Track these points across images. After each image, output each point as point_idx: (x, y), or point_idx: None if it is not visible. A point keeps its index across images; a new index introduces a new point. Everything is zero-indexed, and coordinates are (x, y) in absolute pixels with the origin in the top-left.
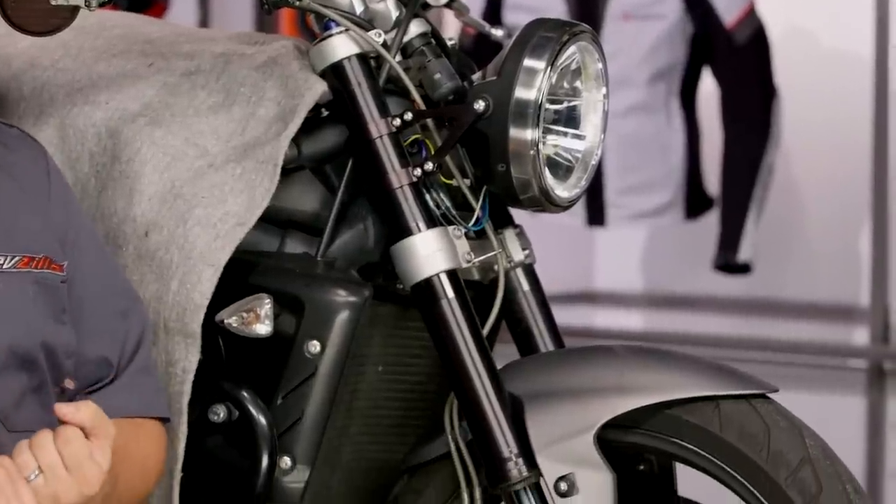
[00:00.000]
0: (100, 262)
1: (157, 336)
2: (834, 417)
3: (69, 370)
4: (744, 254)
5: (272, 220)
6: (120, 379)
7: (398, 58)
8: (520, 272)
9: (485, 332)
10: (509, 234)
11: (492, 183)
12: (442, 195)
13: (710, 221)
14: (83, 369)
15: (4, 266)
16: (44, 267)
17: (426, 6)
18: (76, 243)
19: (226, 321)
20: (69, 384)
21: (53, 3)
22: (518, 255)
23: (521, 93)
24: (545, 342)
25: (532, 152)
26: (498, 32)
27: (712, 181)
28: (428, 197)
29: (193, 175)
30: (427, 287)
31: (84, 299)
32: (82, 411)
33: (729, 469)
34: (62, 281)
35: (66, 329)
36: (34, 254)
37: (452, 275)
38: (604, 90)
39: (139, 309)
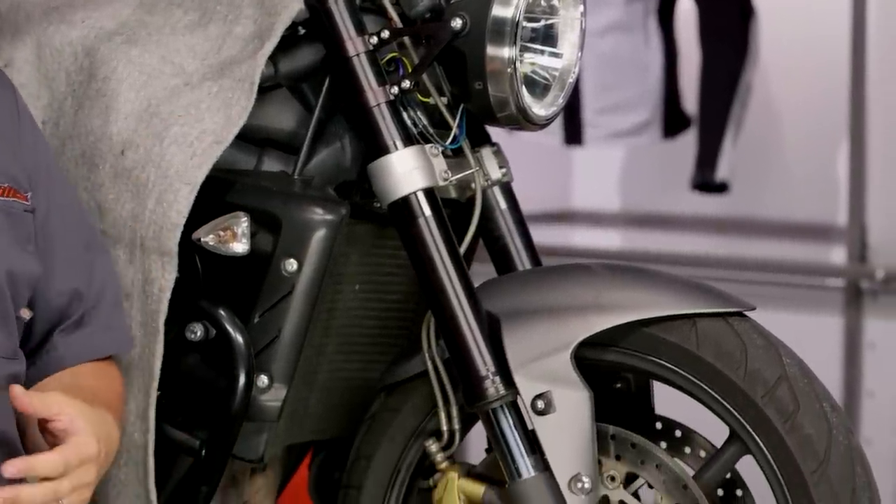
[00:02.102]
0: (67, 199)
1: (133, 255)
2: (811, 336)
3: (28, 300)
4: (721, 173)
5: (249, 138)
6: (93, 319)
7: None
8: (497, 190)
9: (462, 250)
10: (486, 153)
11: (469, 101)
12: (419, 113)
13: (688, 140)
14: (54, 300)
15: None
16: (8, 196)
17: None
18: (44, 180)
19: (202, 239)
20: (25, 314)
21: None
22: (495, 173)
23: (498, 10)
24: (522, 260)
25: (509, 70)
26: None
27: (690, 100)
28: (405, 115)
29: (170, 93)
30: (404, 205)
31: (54, 234)
32: (35, 404)
33: (706, 387)
34: (26, 210)
35: (30, 259)
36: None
37: (429, 193)
38: (581, 8)
39: (102, 247)
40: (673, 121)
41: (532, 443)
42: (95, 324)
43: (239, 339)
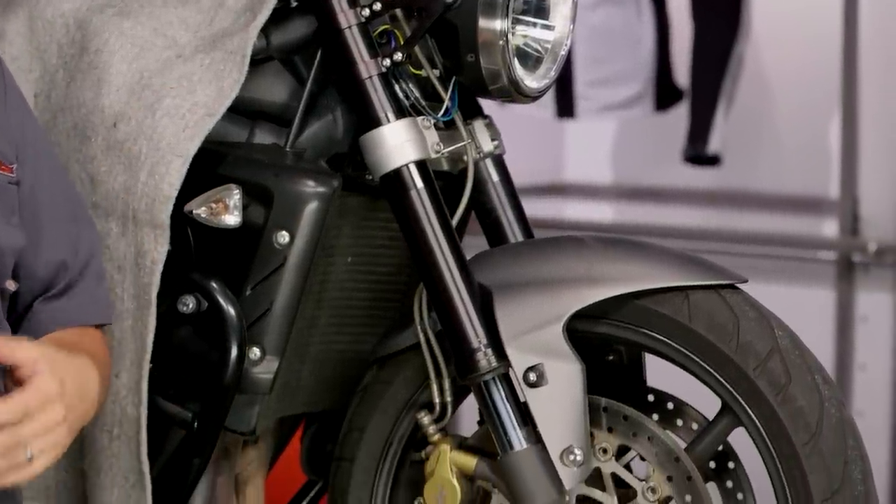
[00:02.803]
0: (54, 171)
1: (126, 227)
2: (803, 309)
3: (12, 272)
4: (713, 145)
5: (241, 110)
6: (78, 288)
7: None
8: (489, 163)
9: (454, 222)
10: (478, 125)
11: (461, 73)
12: (411, 85)
13: (680, 113)
14: (39, 271)
15: None
16: None
17: None
18: (32, 152)
19: (194, 212)
20: (10, 286)
21: None
22: (487, 145)
23: None
24: (514, 233)
25: (501, 42)
26: None
27: (682, 73)
28: (397, 87)
29: (162, 66)
30: (396, 177)
31: (40, 206)
32: (17, 353)
33: (698, 359)
34: (10, 182)
35: (14, 231)
36: None
37: (421, 165)
38: None
39: (89, 218)
40: (665, 94)
41: (524, 415)
42: (78, 294)
43: (231, 311)
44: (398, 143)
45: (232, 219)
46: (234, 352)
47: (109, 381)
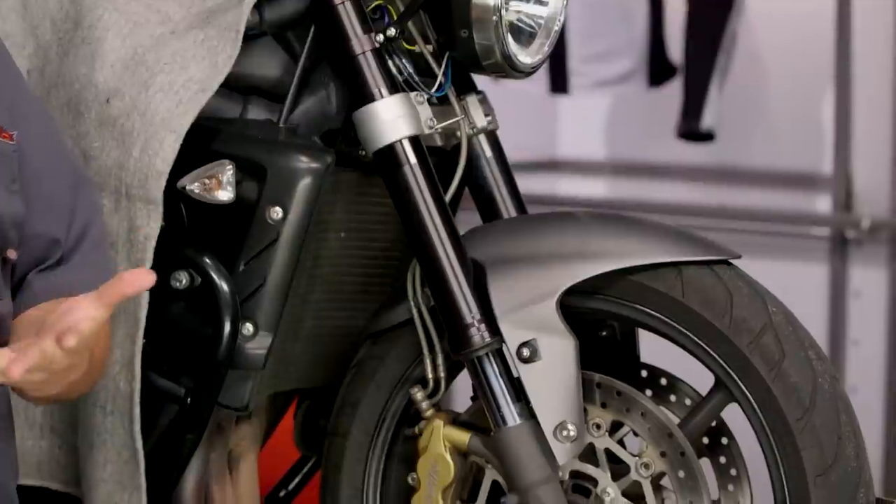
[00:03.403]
0: (50, 137)
1: (119, 203)
2: (796, 285)
3: (13, 240)
4: (707, 121)
5: (234, 86)
6: (74, 259)
7: None
8: (482, 138)
9: (447, 198)
10: (472, 101)
11: (454, 49)
12: (404, 61)
13: (674, 89)
14: (31, 243)
15: None
16: None
17: None
18: (26, 116)
19: (188, 187)
20: (11, 254)
21: None
22: (481, 120)
23: None
24: (508, 208)
25: (495, 18)
26: None
27: (675, 49)
28: (390, 63)
29: (156, 41)
30: (389, 153)
31: (34, 173)
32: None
33: (691, 335)
34: (12, 150)
35: (14, 199)
36: None
37: (415, 140)
38: None
39: (88, 183)
40: (658, 69)
41: (517, 390)
42: (74, 265)
43: (224, 287)
44: (391, 119)
45: (225, 194)
46: (227, 327)
47: (110, 346)
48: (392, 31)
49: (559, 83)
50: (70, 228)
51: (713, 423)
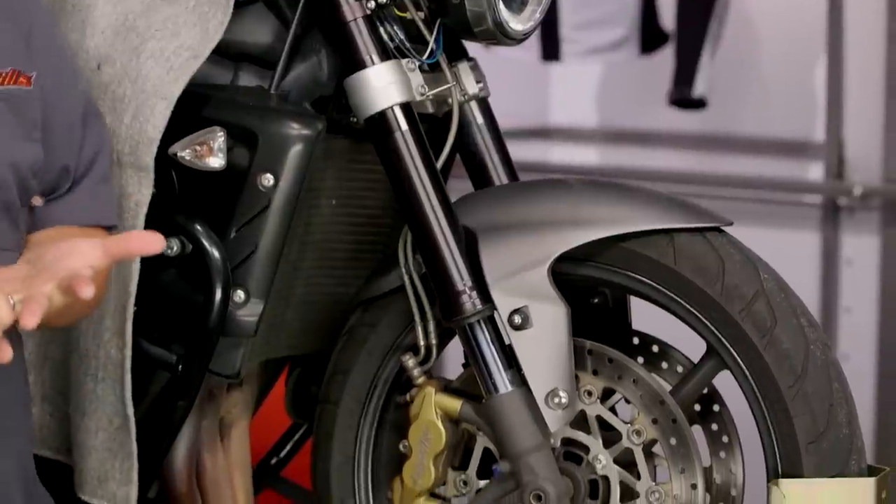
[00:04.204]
0: (65, 69)
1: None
2: (788, 252)
3: (35, 188)
4: (699, 89)
5: (225, 53)
6: (80, 187)
7: None
8: (474, 105)
9: (438, 165)
10: (463, 67)
11: (446, 15)
12: (396, 28)
13: (666, 56)
14: (45, 177)
15: None
16: (11, 82)
17: None
18: (43, 49)
19: (179, 154)
20: (37, 201)
21: None
22: (472, 87)
23: None
24: (499, 175)
25: None
26: None
27: (667, 16)
28: (381, 30)
29: (146, 8)
30: (381, 120)
31: (50, 107)
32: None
33: (683, 302)
34: (32, 96)
35: (34, 146)
36: (1, 68)
37: (406, 107)
38: None
39: (97, 115)
40: (650, 37)
41: (509, 358)
42: (80, 194)
43: (215, 254)
44: (383, 86)
45: (216, 161)
46: (218, 294)
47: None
48: None
49: (551, 50)
50: (80, 157)
51: (705, 391)
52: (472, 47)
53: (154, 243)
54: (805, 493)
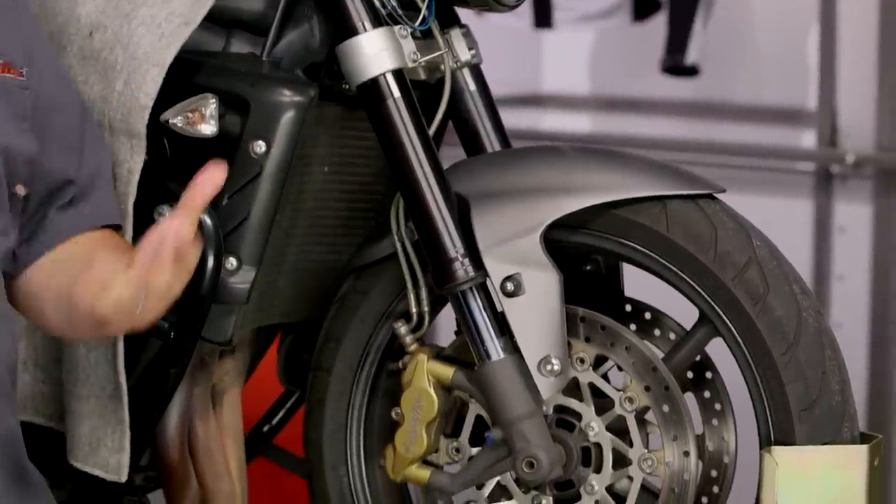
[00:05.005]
0: (61, 75)
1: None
2: (780, 220)
3: (22, 175)
4: (691, 56)
5: (217, 19)
6: (93, 193)
7: None
8: (466, 72)
9: (431, 132)
10: (455, 34)
11: None
12: None
13: (658, 24)
14: (47, 178)
15: None
16: (3, 72)
17: None
18: (39, 55)
19: (171, 121)
20: (20, 190)
21: None
22: (464, 54)
23: None
24: (492, 142)
25: None
26: None
27: None
28: None
29: None
30: (373, 86)
31: (47, 110)
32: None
33: (675, 269)
34: (22, 87)
35: (26, 136)
36: None
37: (398, 74)
38: None
39: (92, 118)
40: (643, 4)
41: (501, 325)
42: (89, 200)
43: (207, 221)
44: (375, 52)
45: (208, 128)
46: (210, 261)
47: None
48: None
49: (543, 17)
50: (82, 165)
51: (697, 358)
52: (464, 14)
53: (219, 172)
54: (797, 461)
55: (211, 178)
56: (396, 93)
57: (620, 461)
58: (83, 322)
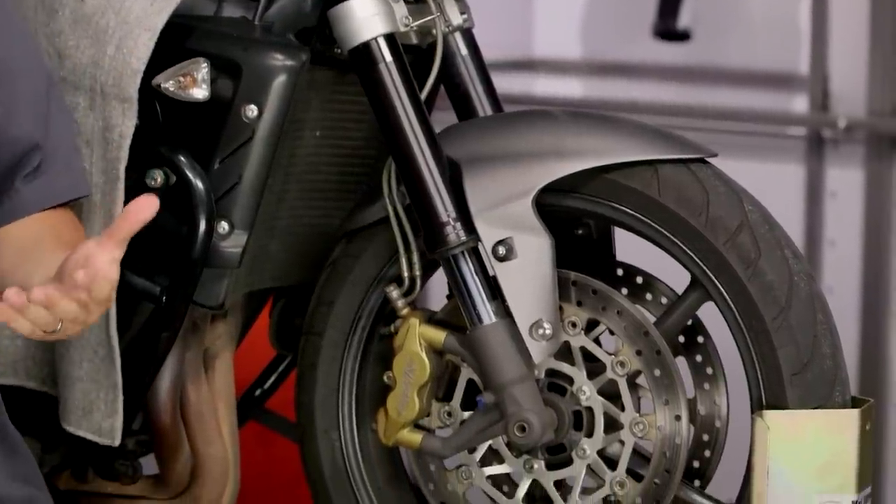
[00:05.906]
0: (24, 40)
1: (93, 101)
2: (772, 185)
3: None
4: (683, 20)
5: None
6: (58, 162)
7: None
8: (458, 36)
9: (423, 96)
10: None
11: None
12: None
13: None
14: (11, 146)
15: None
16: None
17: None
18: (2, 24)
19: (163, 85)
20: None
21: None
22: (456, 18)
23: None
24: (484, 107)
25: None
26: None
27: None
28: None
29: None
30: (365, 50)
31: (14, 78)
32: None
33: (667, 233)
34: None
35: None
36: None
37: (390, 38)
38: None
39: (57, 85)
40: None
41: (493, 289)
42: (56, 168)
43: (199, 185)
44: (367, 16)
45: (200, 92)
46: (202, 226)
47: None
48: None
49: None
50: (48, 132)
51: (689, 322)
52: None
53: (148, 206)
54: (789, 425)
55: (141, 209)
56: (388, 57)
57: (612, 425)
58: None
